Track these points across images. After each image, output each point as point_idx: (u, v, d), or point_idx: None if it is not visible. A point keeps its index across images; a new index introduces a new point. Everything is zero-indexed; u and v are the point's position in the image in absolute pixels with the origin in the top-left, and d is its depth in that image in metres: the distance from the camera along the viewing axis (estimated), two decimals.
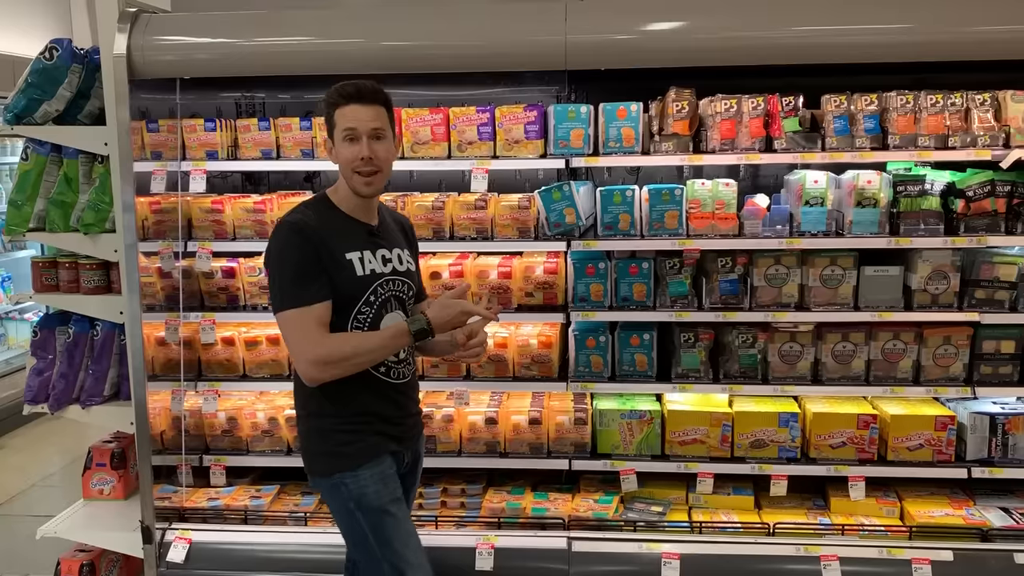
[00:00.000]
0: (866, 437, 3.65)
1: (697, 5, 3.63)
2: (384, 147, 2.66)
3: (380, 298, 2.71)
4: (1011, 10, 3.49)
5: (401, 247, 2.83)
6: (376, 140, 2.63)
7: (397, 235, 2.86)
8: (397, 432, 2.79)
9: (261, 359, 3.92)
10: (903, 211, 3.55)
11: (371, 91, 2.63)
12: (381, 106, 2.65)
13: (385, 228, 2.81)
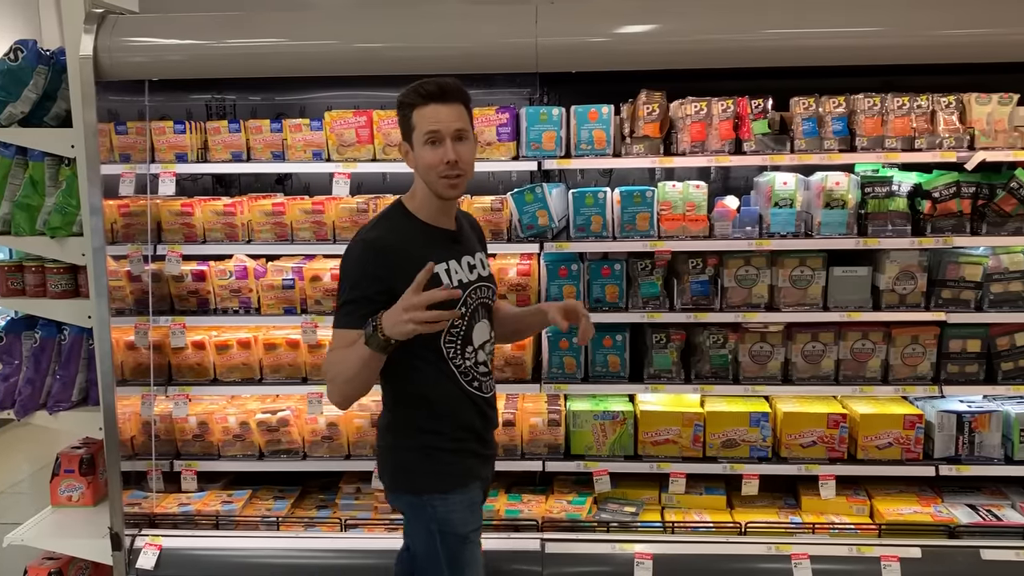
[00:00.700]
0: (836, 436, 3.69)
1: (667, 8, 3.65)
2: (467, 148, 2.50)
3: (470, 308, 2.57)
4: (975, 14, 3.55)
5: (477, 250, 2.70)
6: (459, 141, 2.47)
7: (472, 238, 2.74)
8: (488, 451, 2.74)
9: (232, 363, 3.89)
10: (871, 212, 3.59)
11: (453, 89, 2.47)
12: (462, 104, 2.50)
13: (463, 232, 2.68)
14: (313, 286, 3.79)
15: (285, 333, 3.89)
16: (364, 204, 3.76)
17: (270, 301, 3.83)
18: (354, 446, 3.87)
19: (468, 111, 2.53)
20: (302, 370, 3.88)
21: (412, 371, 2.55)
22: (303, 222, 3.79)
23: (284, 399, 4.09)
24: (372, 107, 3.86)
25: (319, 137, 3.75)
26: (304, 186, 4.34)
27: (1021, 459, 3.66)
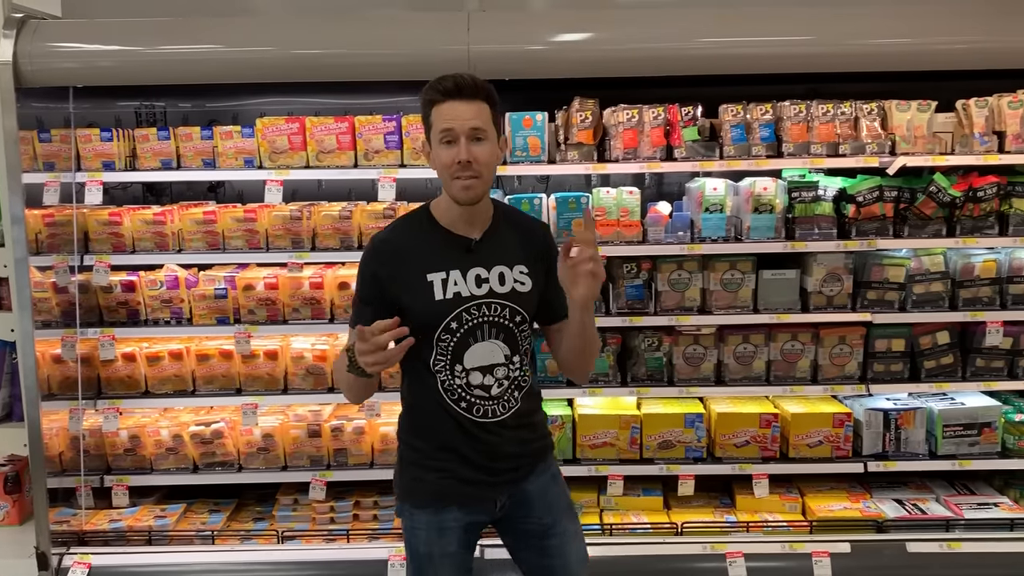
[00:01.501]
0: (768, 435, 3.77)
1: (599, 17, 3.71)
2: (484, 149, 2.32)
3: (466, 325, 2.39)
4: (895, 24, 3.67)
5: (512, 263, 2.44)
6: (476, 142, 2.30)
7: (511, 250, 2.46)
8: (480, 477, 2.47)
9: (164, 375, 3.81)
10: (798, 216, 3.68)
11: (471, 86, 2.31)
12: (483, 102, 2.33)
13: (492, 242, 2.44)
14: (246, 295, 3.73)
15: (218, 344, 3.83)
16: (298, 212, 3.72)
17: (202, 311, 3.77)
18: (291, 457, 3.82)
19: (492, 111, 2.36)
20: (236, 381, 3.82)
21: (406, 376, 2.54)
22: (235, 230, 3.73)
23: (218, 411, 4.03)
24: (305, 113, 3.83)
25: (251, 144, 3.71)
26: (238, 194, 4.27)
27: (944, 454, 3.78)
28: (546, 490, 2.59)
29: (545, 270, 2.47)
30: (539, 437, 2.61)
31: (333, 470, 3.80)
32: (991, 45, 3.67)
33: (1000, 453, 3.80)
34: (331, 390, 3.81)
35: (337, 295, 3.75)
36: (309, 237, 3.74)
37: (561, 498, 2.65)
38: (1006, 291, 3.77)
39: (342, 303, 3.74)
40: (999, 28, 3.67)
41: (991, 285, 3.76)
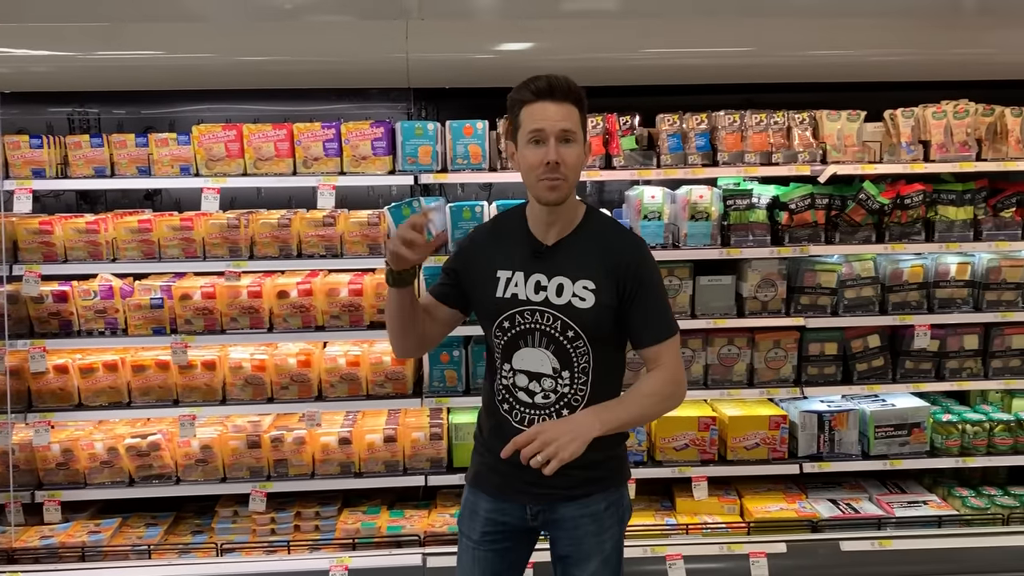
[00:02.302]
0: (707, 438, 3.83)
1: (538, 27, 3.75)
2: (573, 152, 2.27)
3: (518, 327, 2.36)
4: (828, 36, 3.79)
5: (576, 276, 2.33)
6: (565, 144, 2.25)
7: (581, 262, 2.34)
8: (509, 477, 2.41)
9: (98, 387, 3.73)
10: (733, 223, 3.76)
11: (564, 88, 2.27)
12: (573, 105, 2.28)
13: (564, 250, 2.36)
14: (183, 305, 3.68)
15: (154, 354, 3.76)
16: (235, 220, 3.68)
17: (138, 321, 3.70)
18: (230, 468, 3.77)
19: (581, 114, 2.32)
20: (173, 392, 3.75)
21: (486, 357, 2.59)
22: (171, 239, 3.67)
23: (155, 423, 3.95)
24: (243, 120, 3.80)
25: (187, 151, 3.66)
26: (175, 202, 4.21)
27: (877, 454, 3.89)
28: (578, 524, 2.45)
29: (620, 291, 2.32)
30: (581, 468, 2.28)
31: (273, 481, 3.76)
32: (919, 58, 3.82)
33: (929, 452, 3.92)
34: (271, 400, 3.78)
35: (276, 304, 3.71)
36: (247, 246, 3.70)
37: (593, 541, 2.45)
38: (933, 295, 3.89)
39: (281, 312, 3.71)
40: (927, 42, 3.81)
41: (919, 290, 3.89)
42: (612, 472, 2.47)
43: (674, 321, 2.39)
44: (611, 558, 2.49)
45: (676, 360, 2.37)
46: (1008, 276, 3.87)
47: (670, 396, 2.35)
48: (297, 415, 3.90)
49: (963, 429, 3.91)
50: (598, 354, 2.37)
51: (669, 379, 2.34)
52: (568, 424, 2.20)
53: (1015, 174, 3.99)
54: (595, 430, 2.19)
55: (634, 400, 2.33)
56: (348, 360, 3.77)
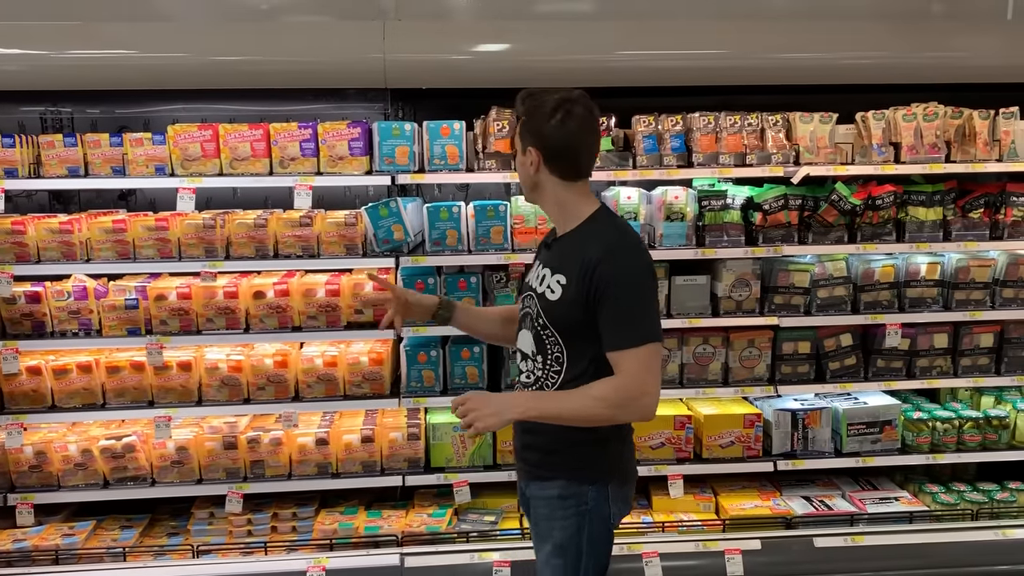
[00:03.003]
0: (683, 437, 3.87)
1: (515, 29, 3.78)
2: (518, 160, 2.52)
3: (522, 310, 2.59)
4: (801, 40, 3.84)
5: (555, 270, 2.45)
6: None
7: (562, 257, 2.45)
8: (518, 462, 2.70)
9: (72, 388, 3.70)
10: (708, 224, 3.80)
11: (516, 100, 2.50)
12: (519, 114, 2.48)
13: (558, 245, 2.50)
14: (158, 305, 3.66)
15: (129, 355, 3.73)
16: (211, 220, 3.66)
17: (112, 322, 3.67)
18: (206, 470, 3.75)
19: (521, 124, 2.47)
20: (148, 393, 3.73)
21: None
22: (146, 239, 3.65)
23: (130, 424, 3.93)
24: (219, 120, 3.79)
25: (162, 151, 3.64)
26: (150, 202, 4.18)
27: (849, 451, 3.95)
28: (536, 504, 2.57)
29: (586, 291, 2.35)
30: (541, 452, 2.52)
31: (250, 482, 3.75)
32: (890, 61, 3.89)
33: (900, 449, 3.99)
34: (247, 401, 3.76)
35: (252, 304, 3.70)
36: (223, 246, 3.69)
37: (544, 524, 2.55)
38: (904, 295, 3.96)
39: (257, 312, 3.70)
40: (898, 45, 3.88)
41: (890, 289, 3.95)
42: (573, 465, 2.48)
43: (643, 332, 2.32)
44: (566, 548, 2.51)
45: (637, 371, 2.30)
46: (976, 276, 3.94)
47: (620, 405, 2.32)
48: (274, 416, 3.89)
49: (933, 426, 3.97)
50: (570, 346, 2.43)
51: (622, 387, 2.32)
52: (495, 400, 2.39)
53: (983, 175, 4.07)
54: (515, 412, 2.36)
55: (575, 397, 2.37)
56: (325, 360, 3.77)
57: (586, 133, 2.43)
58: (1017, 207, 3.91)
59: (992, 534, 3.77)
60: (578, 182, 2.47)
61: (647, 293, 2.37)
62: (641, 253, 2.43)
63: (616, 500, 2.52)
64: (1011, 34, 3.97)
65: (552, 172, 2.43)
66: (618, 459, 2.54)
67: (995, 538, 3.75)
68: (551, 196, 2.48)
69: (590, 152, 2.47)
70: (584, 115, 2.40)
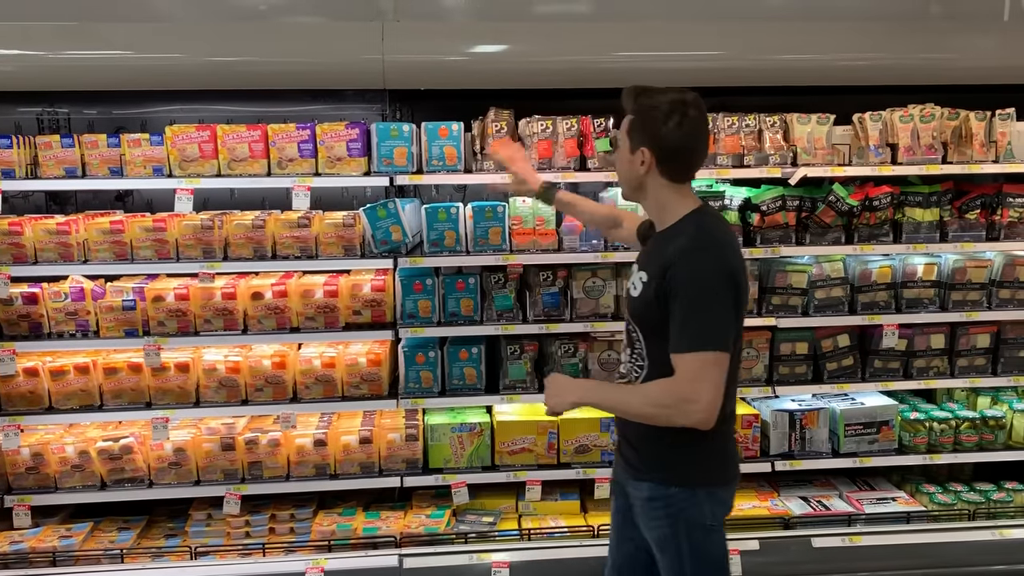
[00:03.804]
0: None
1: (514, 30, 3.78)
2: (616, 156, 2.61)
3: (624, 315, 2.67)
4: (799, 41, 3.85)
5: (643, 267, 2.50)
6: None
7: (649, 256, 2.52)
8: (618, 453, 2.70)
9: (69, 389, 3.69)
10: None
11: (623, 96, 2.53)
12: (628, 112, 2.52)
13: (652, 243, 2.56)
14: (156, 307, 3.65)
15: (127, 357, 3.73)
16: (209, 221, 3.66)
17: (110, 323, 3.66)
18: (204, 471, 3.75)
19: (628, 120, 2.52)
20: (146, 395, 3.72)
21: None
22: (144, 240, 3.64)
23: (127, 425, 3.92)
24: (217, 121, 3.79)
25: (160, 152, 3.63)
26: (147, 203, 4.18)
27: (847, 452, 3.95)
28: (635, 506, 2.59)
29: (660, 291, 2.37)
30: (632, 448, 2.56)
31: (248, 483, 3.75)
32: (887, 62, 3.90)
33: (897, 450, 3.99)
34: (245, 402, 3.76)
35: (250, 305, 3.69)
36: (221, 247, 3.68)
37: (643, 522, 2.58)
38: (900, 295, 3.96)
39: (255, 314, 3.70)
40: (895, 47, 3.89)
41: (887, 290, 3.96)
42: (658, 466, 2.50)
43: (702, 338, 2.29)
44: (664, 550, 2.53)
45: (691, 376, 2.29)
46: (973, 276, 3.95)
47: (667, 407, 2.32)
48: (272, 417, 3.89)
49: (930, 427, 3.98)
50: (650, 344, 2.47)
51: (670, 391, 2.32)
52: (564, 383, 2.56)
53: (979, 177, 4.08)
54: (574, 396, 2.50)
55: (630, 393, 2.46)
56: (323, 361, 3.76)
57: (701, 136, 2.45)
58: (1013, 208, 3.92)
59: (989, 534, 3.78)
60: (684, 183, 2.49)
61: (716, 298, 2.32)
62: (718, 257, 2.36)
63: (709, 503, 2.48)
64: (1007, 35, 3.98)
65: (662, 173, 2.44)
66: (706, 461, 2.48)
67: (992, 538, 3.76)
68: (654, 196, 2.50)
69: (703, 154, 2.50)
70: (699, 118, 2.42)
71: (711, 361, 2.29)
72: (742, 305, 2.42)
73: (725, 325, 2.33)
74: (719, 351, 2.30)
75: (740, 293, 2.39)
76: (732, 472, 2.57)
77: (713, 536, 2.51)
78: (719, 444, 2.50)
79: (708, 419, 2.31)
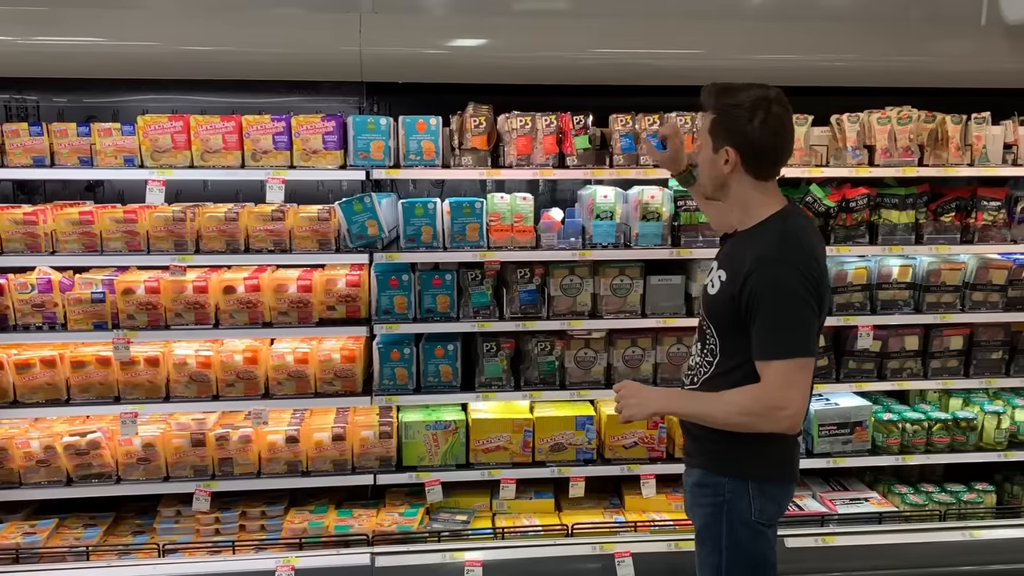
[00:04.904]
0: (656, 436, 3.87)
1: (494, 24, 3.75)
2: (699, 155, 2.57)
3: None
4: (779, 40, 3.85)
5: (722, 266, 2.50)
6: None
7: (732, 256, 2.48)
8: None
9: (35, 383, 3.61)
10: (683, 224, 3.80)
11: (702, 94, 2.53)
12: (709, 111, 2.49)
13: (732, 242, 2.55)
14: (126, 299, 3.58)
15: (95, 350, 3.66)
16: (181, 213, 3.59)
17: (78, 316, 3.59)
18: (173, 467, 3.69)
19: (710, 120, 2.49)
20: (115, 389, 3.65)
21: None
22: (114, 232, 3.57)
23: (95, 420, 3.84)
24: (190, 111, 3.72)
25: (131, 142, 3.57)
26: (118, 194, 4.10)
27: (820, 452, 3.96)
28: (686, 492, 2.68)
29: (738, 294, 2.37)
30: (689, 436, 2.62)
31: (218, 480, 3.69)
32: (866, 64, 3.91)
33: (870, 450, 4.01)
34: (216, 398, 3.70)
35: (222, 299, 3.64)
36: (193, 239, 3.62)
37: (689, 506, 2.66)
38: (876, 297, 3.98)
39: (227, 308, 3.64)
40: (873, 49, 3.90)
41: (862, 291, 3.97)
42: (711, 454, 2.53)
43: (787, 345, 2.30)
44: (704, 539, 2.59)
45: (777, 383, 2.30)
46: (947, 279, 3.98)
47: (757, 415, 2.34)
48: (243, 413, 3.84)
49: (903, 428, 4.01)
50: (724, 342, 2.49)
51: (759, 398, 2.34)
52: (644, 392, 2.55)
53: (954, 179, 4.11)
54: (653, 407, 2.51)
55: (716, 402, 2.43)
56: (296, 357, 3.71)
57: (786, 132, 2.44)
58: (987, 211, 3.95)
59: (959, 535, 3.81)
60: (769, 181, 2.48)
61: (798, 305, 2.31)
62: (798, 264, 2.33)
63: (760, 497, 2.48)
64: (984, 40, 4.01)
65: (748, 172, 2.44)
66: (760, 455, 2.48)
67: (962, 539, 3.80)
68: (738, 195, 2.49)
69: (788, 151, 2.48)
70: (782, 114, 2.41)
71: (799, 367, 2.32)
72: (824, 310, 2.43)
73: (809, 330, 2.34)
74: (806, 356, 2.33)
75: (823, 299, 2.40)
76: (789, 472, 2.58)
77: (757, 535, 2.51)
78: (779, 441, 2.48)
79: (796, 424, 2.35)
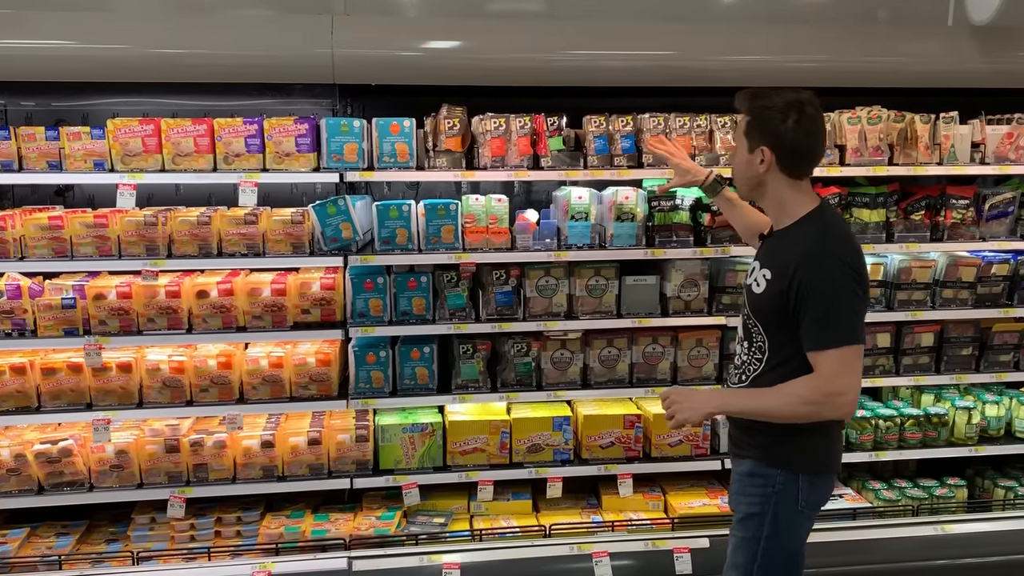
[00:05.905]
0: (632, 436, 3.88)
1: (467, 26, 3.75)
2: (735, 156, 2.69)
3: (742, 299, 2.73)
4: (752, 42, 3.88)
5: (764, 264, 2.60)
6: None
7: (772, 252, 2.60)
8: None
9: (4, 391, 3.56)
10: (657, 225, 3.82)
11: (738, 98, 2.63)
12: (744, 114, 2.61)
13: (772, 240, 2.65)
14: (97, 305, 3.54)
15: (66, 356, 3.61)
16: (152, 217, 3.56)
17: (48, 322, 3.54)
18: (147, 474, 3.65)
19: (744, 122, 2.61)
20: (86, 396, 3.61)
21: None
22: (84, 237, 3.53)
23: (67, 427, 3.80)
24: (161, 115, 3.69)
25: (101, 146, 3.53)
26: (88, 198, 4.05)
27: None
28: (733, 482, 2.75)
29: (786, 289, 2.46)
30: (740, 429, 2.69)
31: (193, 486, 3.66)
32: (835, 64, 3.94)
33: (844, 447, 4.03)
34: (190, 403, 3.67)
35: (195, 304, 3.61)
36: (165, 244, 3.59)
37: (734, 498, 2.72)
38: None
39: (200, 312, 3.61)
40: (843, 50, 3.94)
41: None
42: (765, 447, 2.60)
43: (838, 334, 2.40)
44: (746, 524, 2.65)
45: (832, 372, 2.40)
46: (918, 276, 4.03)
47: (816, 403, 2.43)
48: (218, 418, 3.81)
49: (876, 424, 4.05)
50: (772, 338, 2.57)
51: (816, 387, 2.43)
52: (694, 395, 2.62)
53: (924, 178, 4.16)
54: (709, 408, 2.60)
55: (772, 396, 2.51)
56: (271, 361, 3.69)
57: (819, 132, 2.55)
58: (956, 209, 4.01)
59: (932, 529, 3.86)
60: (804, 180, 2.58)
61: (847, 295, 2.42)
62: (842, 256, 2.45)
63: (808, 489, 2.58)
64: (951, 40, 4.06)
65: (782, 171, 2.54)
66: (811, 448, 2.58)
67: (935, 533, 3.84)
68: (773, 194, 2.59)
69: (821, 150, 2.61)
70: (815, 115, 2.52)
71: (853, 354, 2.43)
72: (868, 296, 2.56)
73: (859, 317, 2.47)
74: (857, 343, 2.43)
75: (866, 286, 2.51)
76: (835, 462, 2.69)
77: (799, 524, 2.63)
78: (827, 434, 2.60)
79: (853, 409, 2.47)
